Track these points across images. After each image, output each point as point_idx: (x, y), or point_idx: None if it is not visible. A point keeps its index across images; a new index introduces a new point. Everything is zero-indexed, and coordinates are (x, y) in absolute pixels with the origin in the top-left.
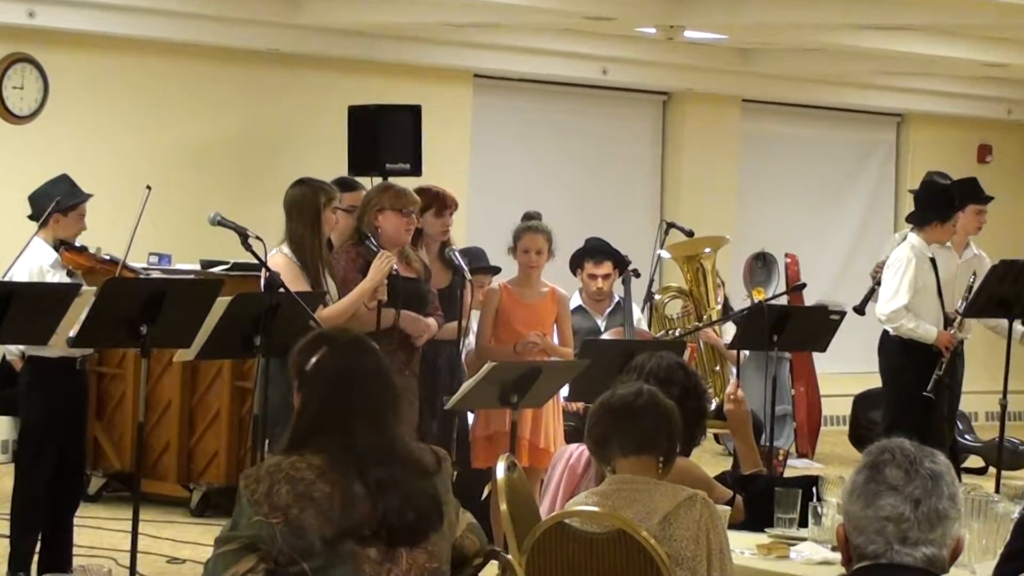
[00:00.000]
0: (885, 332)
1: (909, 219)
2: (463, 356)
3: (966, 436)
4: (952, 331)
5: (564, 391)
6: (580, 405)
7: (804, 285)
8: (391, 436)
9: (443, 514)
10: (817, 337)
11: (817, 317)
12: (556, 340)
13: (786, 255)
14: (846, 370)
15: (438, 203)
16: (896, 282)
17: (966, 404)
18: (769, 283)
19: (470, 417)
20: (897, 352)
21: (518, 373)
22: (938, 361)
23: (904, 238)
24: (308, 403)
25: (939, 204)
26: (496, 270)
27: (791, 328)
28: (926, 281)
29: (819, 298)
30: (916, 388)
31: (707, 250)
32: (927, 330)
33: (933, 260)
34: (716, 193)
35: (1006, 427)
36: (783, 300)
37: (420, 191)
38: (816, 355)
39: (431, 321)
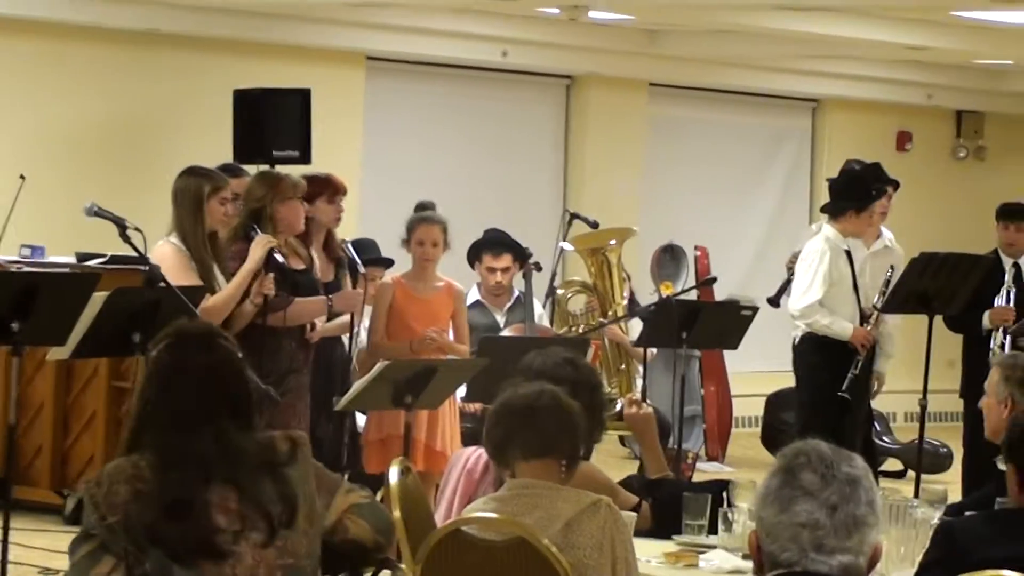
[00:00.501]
0: (799, 329)
1: (824, 209)
2: (354, 354)
3: (884, 438)
4: (868, 327)
5: (461, 391)
6: (478, 406)
7: (714, 279)
8: (229, 436)
9: (294, 509)
10: (728, 334)
11: (728, 313)
12: (452, 337)
13: (696, 247)
14: (758, 369)
15: (330, 189)
16: (809, 276)
17: (884, 404)
18: (678, 277)
19: (361, 419)
20: (811, 350)
21: (412, 372)
22: (854, 359)
23: (819, 230)
24: (141, 399)
25: (855, 193)
26: (389, 263)
27: (701, 324)
28: (841, 275)
29: (730, 292)
30: (831, 388)
31: (612, 242)
32: (842, 327)
33: (848, 253)
34: (622, 182)
35: (926, 428)
36: (692, 295)
37: (309, 179)
38: (727, 353)
39: (360, 292)
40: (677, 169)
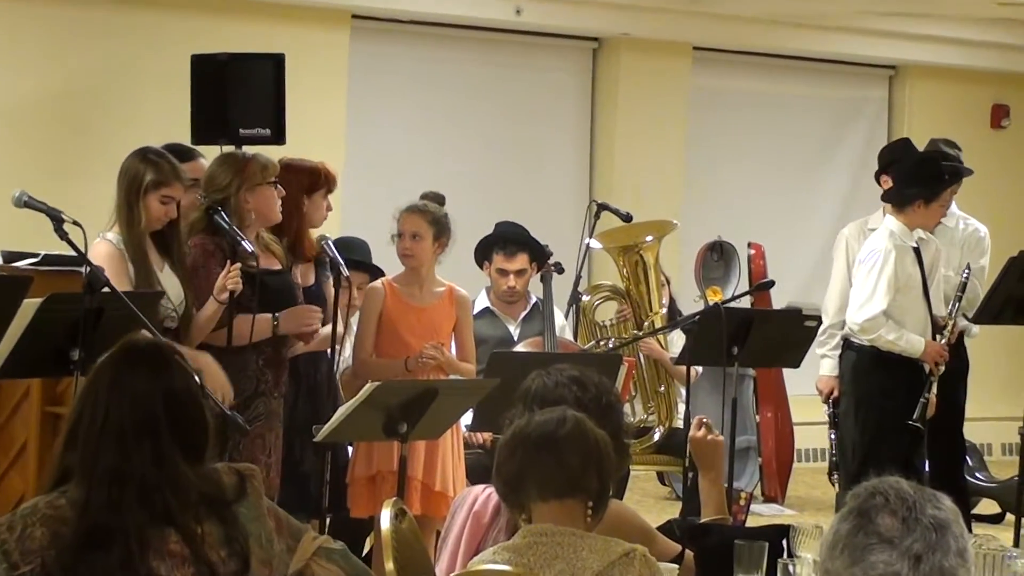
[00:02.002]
0: (848, 341)
1: (886, 198)
2: (338, 374)
3: (978, 474)
4: (942, 340)
5: (466, 419)
6: (487, 436)
7: (772, 283)
8: (170, 468)
9: (246, 552)
10: (788, 349)
11: (788, 324)
12: (455, 353)
13: (749, 245)
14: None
15: (328, 181)
16: (872, 282)
17: (978, 434)
18: (727, 280)
19: (348, 452)
20: (870, 367)
21: (408, 395)
22: (926, 381)
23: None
24: (72, 423)
25: (923, 178)
26: (376, 271)
27: (755, 338)
28: (909, 278)
29: (791, 299)
30: (897, 415)
31: (649, 238)
32: (911, 341)
33: (917, 250)
34: (660, 167)
35: None
36: (745, 302)
37: (296, 168)
38: (787, 372)
39: (315, 309)
40: (726, 151)
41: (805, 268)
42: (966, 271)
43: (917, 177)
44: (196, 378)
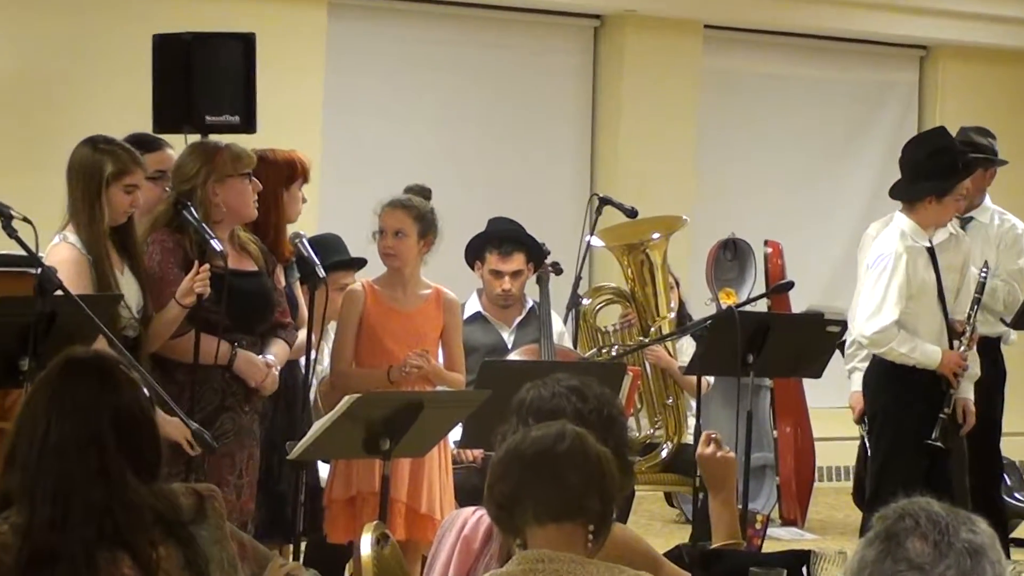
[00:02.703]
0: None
1: (894, 194)
2: (314, 385)
3: (1016, 495)
4: (961, 349)
5: (455, 434)
6: (478, 453)
7: (791, 284)
8: (120, 487)
9: None
10: (809, 358)
11: (809, 329)
12: (442, 362)
13: (766, 243)
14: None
15: (304, 172)
16: (881, 290)
17: (1016, 450)
18: (742, 282)
19: (324, 471)
20: (884, 380)
21: (391, 409)
22: (946, 394)
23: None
24: (14, 440)
25: (935, 171)
26: (359, 263)
27: (773, 345)
28: (923, 283)
29: (812, 303)
30: (914, 433)
31: (656, 236)
32: (927, 352)
33: (931, 251)
34: (668, 156)
35: None
36: (762, 305)
37: (272, 160)
38: (807, 384)
39: (277, 352)
40: (741, 139)
41: (827, 268)
42: (984, 270)
43: (927, 170)
44: (146, 391)
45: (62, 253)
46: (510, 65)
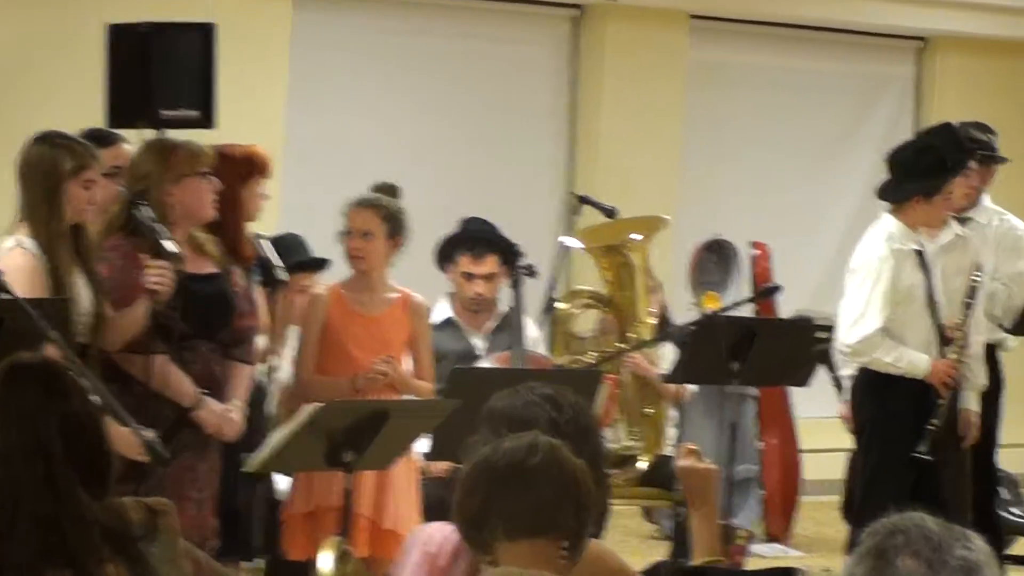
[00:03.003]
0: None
1: (881, 195)
2: (273, 394)
3: (1012, 509)
4: (952, 356)
5: (422, 446)
6: (446, 466)
7: (779, 288)
8: (67, 502)
9: None
10: (796, 365)
11: (796, 336)
12: (410, 369)
13: (752, 244)
14: (835, 414)
15: (264, 167)
16: (864, 296)
17: (1014, 463)
18: (727, 285)
19: (282, 484)
20: (870, 389)
21: (355, 419)
22: (935, 404)
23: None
24: None
25: (922, 170)
26: (322, 264)
27: (758, 352)
28: (911, 287)
29: (800, 307)
30: (902, 444)
31: (636, 237)
32: (913, 361)
33: (920, 253)
34: (651, 154)
35: None
36: (747, 310)
37: (230, 156)
38: (794, 392)
39: (241, 390)
40: (728, 136)
41: (817, 272)
42: (978, 273)
43: (914, 169)
44: (96, 399)
45: (16, 260)
46: (485, 57)
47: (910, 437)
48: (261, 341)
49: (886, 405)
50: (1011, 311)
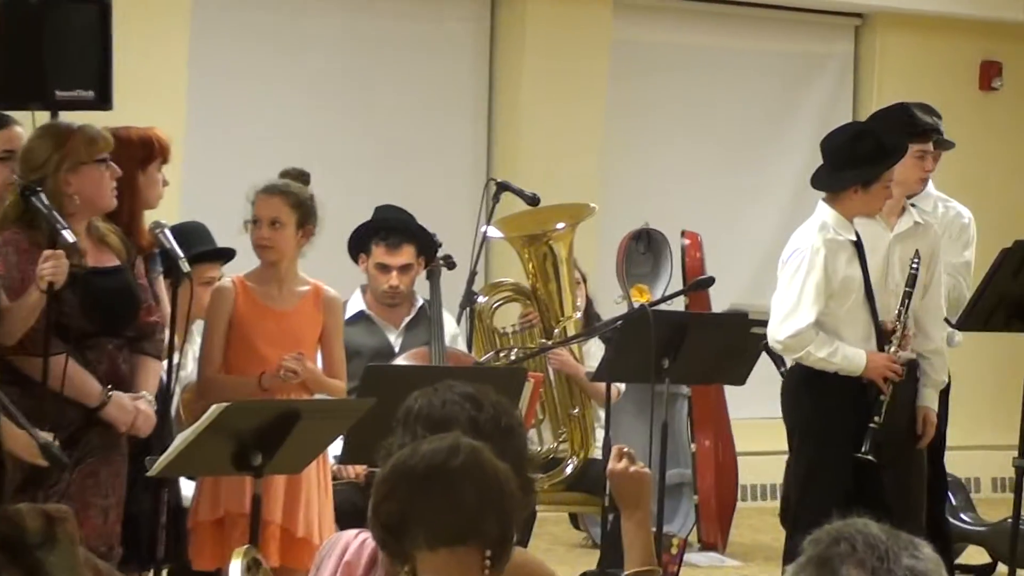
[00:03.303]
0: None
1: (816, 183)
2: (177, 393)
3: (963, 516)
4: (892, 349)
5: (335, 448)
6: (361, 470)
7: (712, 280)
8: None
9: None
10: (731, 362)
11: (731, 330)
12: (322, 367)
13: (683, 233)
14: (776, 414)
15: (163, 151)
16: (796, 289)
17: (963, 466)
18: (657, 277)
19: (187, 489)
20: (803, 386)
21: (264, 419)
22: (877, 402)
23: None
24: None
25: (860, 156)
26: (227, 255)
27: (691, 348)
28: (846, 280)
29: (735, 300)
30: (842, 446)
31: (560, 226)
32: (849, 357)
33: (857, 244)
34: (574, 138)
35: (1023, 501)
36: (679, 303)
37: (126, 139)
38: (730, 392)
39: (149, 384)
40: (656, 119)
41: (752, 262)
42: (915, 260)
43: (851, 156)
44: None
45: None
46: (398, 36)
47: (848, 437)
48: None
49: (821, 403)
50: (957, 304)
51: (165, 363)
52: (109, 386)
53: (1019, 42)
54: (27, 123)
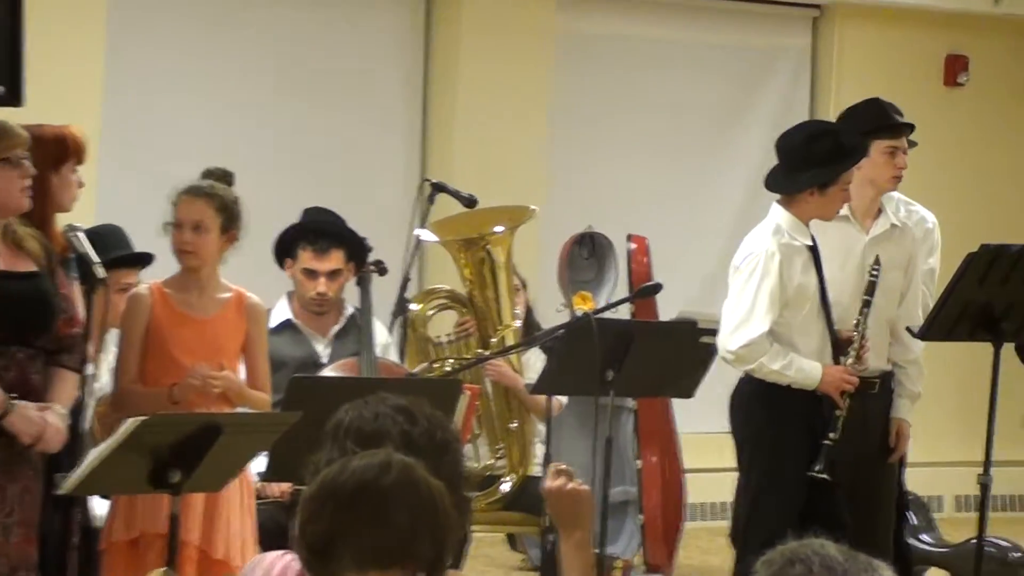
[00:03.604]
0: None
1: (770, 185)
2: (90, 406)
3: (923, 536)
4: (848, 361)
5: (258, 465)
6: (286, 488)
7: (659, 287)
8: None
9: None
10: (679, 374)
11: (679, 340)
12: (244, 378)
13: (629, 237)
14: (727, 429)
15: (78, 150)
16: (749, 297)
17: (925, 484)
18: (601, 284)
19: (100, 508)
20: (756, 402)
21: (182, 434)
22: (832, 417)
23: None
24: None
25: (815, 157)
26: (144, 259)
27: (637, 358)
28: (801, 288)
29: (684, 308)
30: (793, 461)
31: (499, 229)
32: (804, 369)
33: (813, 248)
34: (515, 136)
35: (989, 520)
36: (624, 311)
37: (38, 137)
38: (677, 405)
39: (64, 396)
40: (601, 115)
41: (702, 268)
42: (875, 268)
43: (808, 156)
44: None
45: None
46: (328, 27)
47: (802, 453)
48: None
49: (773, 418)
50: (923, 313)
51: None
52: (14, 395)
53: (986, 35)
54: None
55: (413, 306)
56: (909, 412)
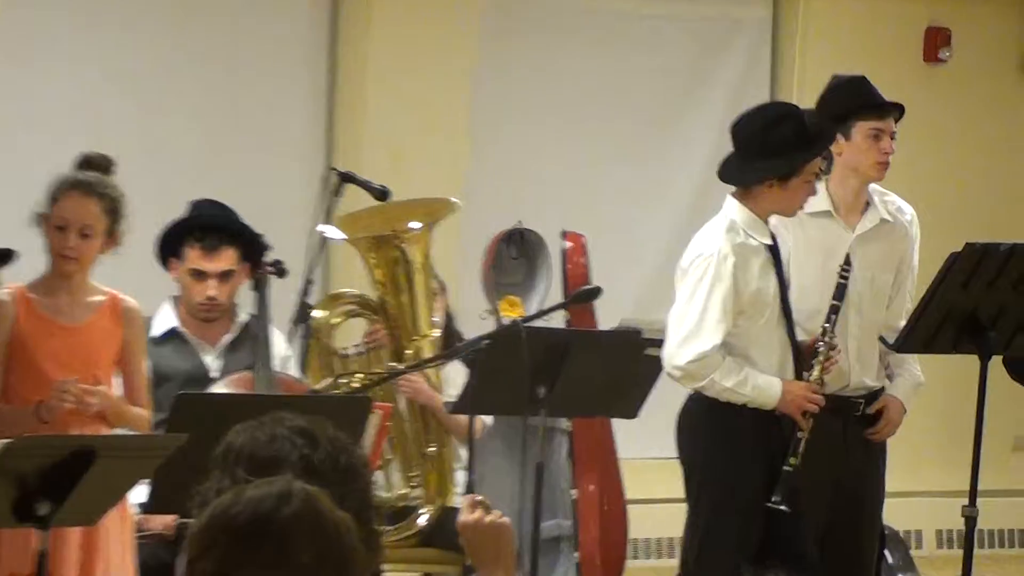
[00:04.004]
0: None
1: (723, 176)
2: None
3: None
4: (813, 376)
5: (139, 495)
6: (170, 521)
7: (598, 291)
8: None
9: None
10: (621, 390)
11: (621, 352)
12: (121, 392)
13: (564, 235)
14: (674, 454)
15: None
16: (699, 304)
17: (903, 517)
18: (532, 287)
19: None
20: (706, 422)
21: (51, 459)
22: (793, 439)
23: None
24: None
25: (776, 143)
26: (5, 257)
27: (573, 372)
28: (758, 293)
29: (626, 315)
30: (747, 488)
31: (415, 225)
32: (761, 386)
33: (773, 248)
34: (432, 120)
35: (975, 557)
36: (559, 319)
37: None
38: (618, 426)
39: None
40: (533, 98)
41: (647, 270)
42: (845, 269)
43: (767, 143)
44: None
45: None
46: (233, 10)
47: (757, 482)
48: None
49: (726, 441)
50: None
51: None
52: None
53: (970, 6)
54: None
55: (316, 313)
56: (907, 395)
